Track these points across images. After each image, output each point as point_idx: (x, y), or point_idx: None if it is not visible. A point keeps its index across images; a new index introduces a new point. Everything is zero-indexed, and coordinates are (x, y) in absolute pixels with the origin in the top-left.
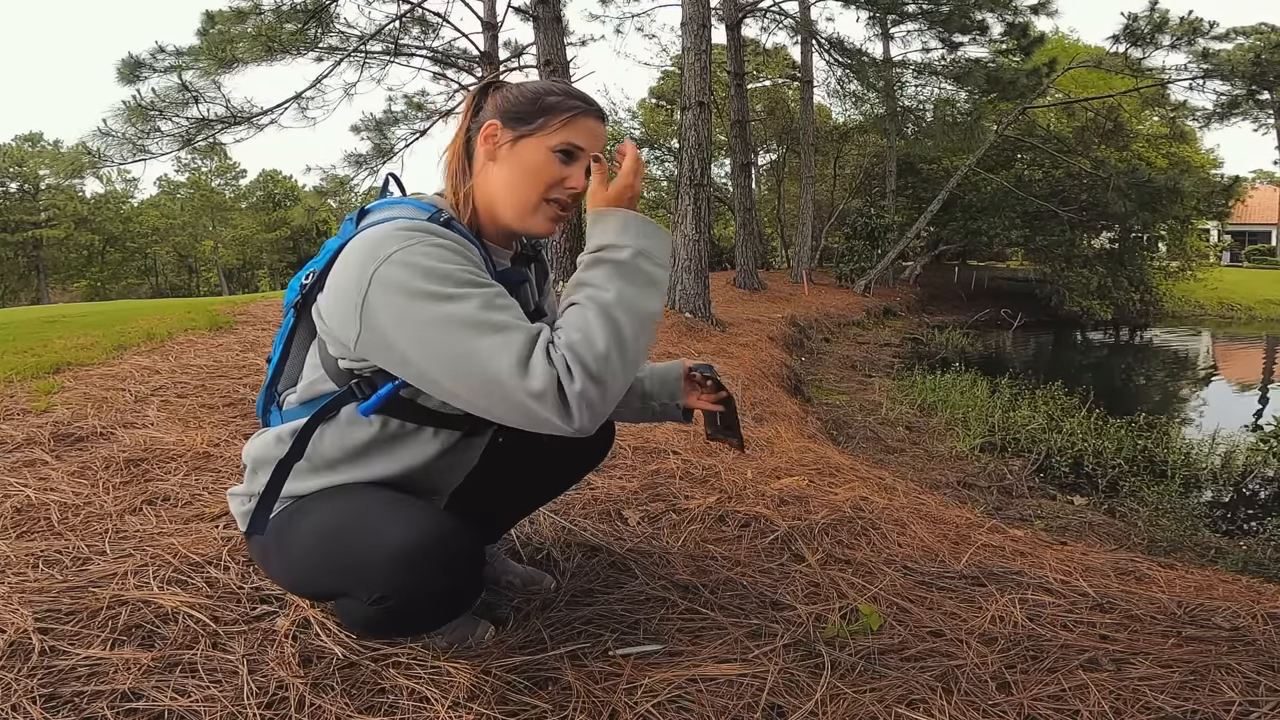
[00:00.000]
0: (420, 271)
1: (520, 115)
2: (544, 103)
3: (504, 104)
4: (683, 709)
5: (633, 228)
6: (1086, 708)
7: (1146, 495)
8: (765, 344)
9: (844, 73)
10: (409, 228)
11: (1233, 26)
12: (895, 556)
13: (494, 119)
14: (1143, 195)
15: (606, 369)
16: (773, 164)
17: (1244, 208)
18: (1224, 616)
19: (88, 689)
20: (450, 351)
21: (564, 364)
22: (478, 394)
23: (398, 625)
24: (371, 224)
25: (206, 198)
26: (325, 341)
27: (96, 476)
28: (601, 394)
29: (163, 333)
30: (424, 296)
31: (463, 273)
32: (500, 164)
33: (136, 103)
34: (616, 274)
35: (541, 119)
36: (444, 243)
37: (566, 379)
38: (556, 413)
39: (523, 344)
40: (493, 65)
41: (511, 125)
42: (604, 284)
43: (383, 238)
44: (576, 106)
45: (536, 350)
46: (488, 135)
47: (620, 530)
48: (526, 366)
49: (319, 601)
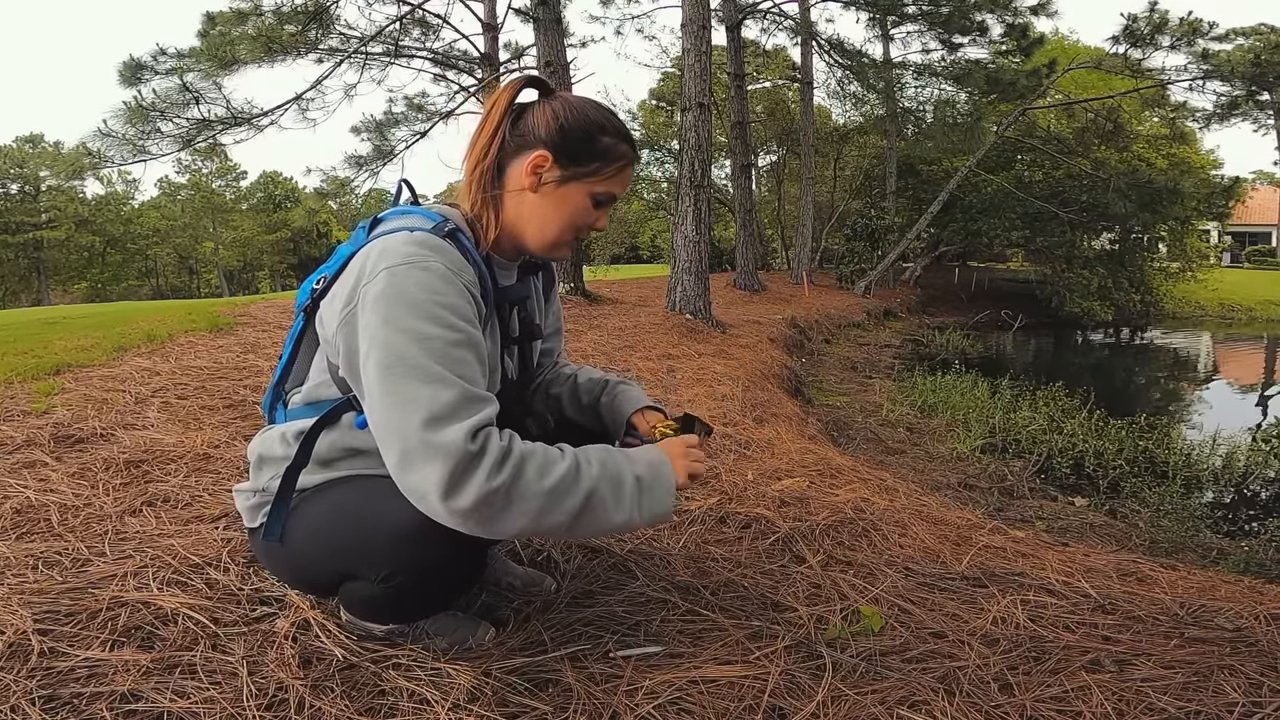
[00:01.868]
0: (396, 296)
1: (574, 155)
2: (599, 145)
3: (558, 135)
4: (684, 711)
5: (656, 477)
6: (1089, 709)
7: (1148, 496)
8: (765, 345)
9: (844, 74)
10: (413, 243)
11: (1232, 27)
12: (896, 558)
13: (544, 149)
14: (1143, 196)
15: (529, 500)
16: (773, 165)
17: (1244, 208)
18: (1226, 617)
19: (87, 690)
20: (380, 384)
21: (502, 456)
22: (381, 431)
23: (405, 604)
24: (381, 234)
25: (207, 199)
26: (325, 348)
27: (96, 478)
28: (506, 507)
29: (163, 334)
30: (391, 326)
31: (436, 307)
32: (540, 197)
33: (137, 103)
34: (611, 471)
35: (595, 164)
36: (436, 268)
37: (491, 468)
38: (440, 480)
39: (448, 403)
40: (493, 67)
41: (563, 163)
42: (595, 462)
43: (384, 252)
44: (626, 155)
45: (467, 420)
46: (535, 167)
47: None
48: (442, 426)
49: (322, 594)
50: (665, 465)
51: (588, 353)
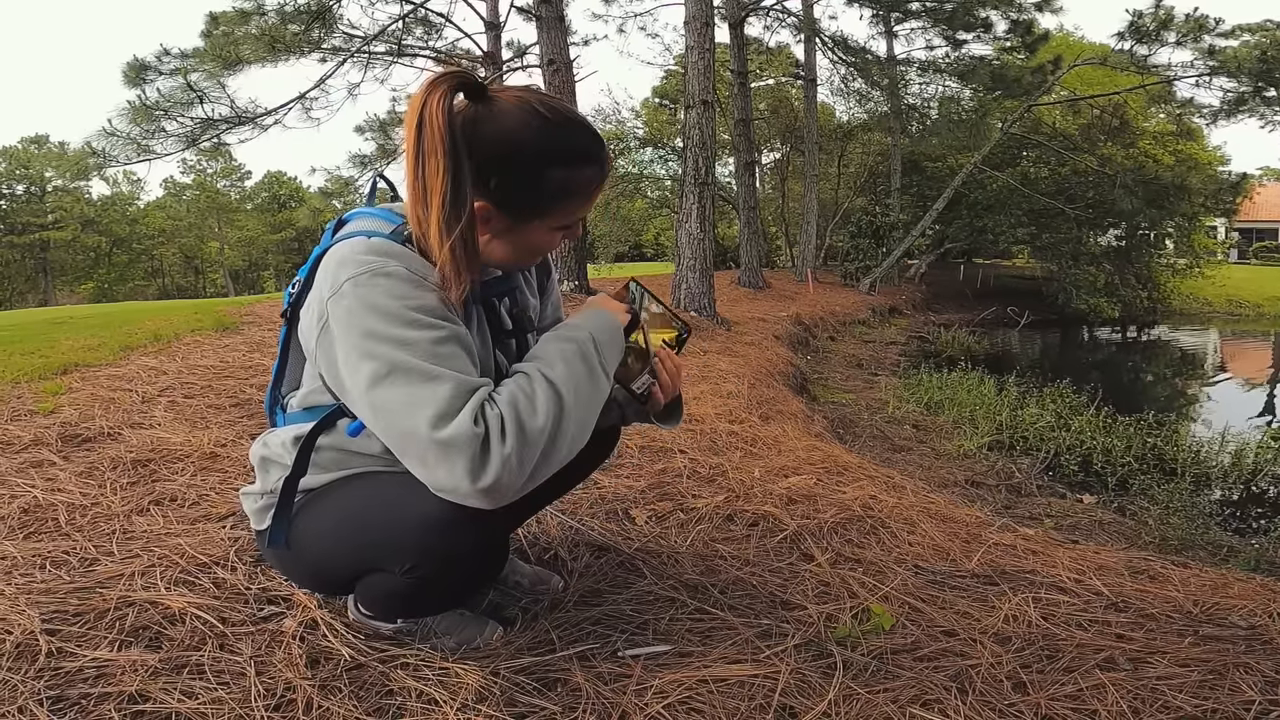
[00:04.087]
0: (368, 308)
1: (519, 203)
2: (548, 185)
3: (493, 181)
4: (693, 710)
5: (594, 320)
6: (1105, 707)
7: (1157, 494)
8: (770, 343)
9: (848, 71)
10: (370, 250)
11: (1238, 23)
12: (906, 556)
13: (482, 200)
14: (1149, 192)
15: (540, 441)
16: (777, 163)
17: (1251, 204)
18: (1240, 615)
19: (95, 691)
20: (377, 396)
21: (499, 423)
22: (393, 441)
23: (425, 596)
24: (342, 237)
25: (212, 199)
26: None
27: (103, 477)
28: (523, 465)
29: (169, 334)
30: (373, 338)
31: (410, 311)
32: (496, 238)
33: (142, 103)
34: (568, 354)
35: (545, 206)
36: (399, 272)
37: (497, 439)
38: (466, 471)
39: (447, 398)
40: (496, 65)
41: (509, 213)
42: (554, 360)
43: (341, 262)
44: (587, 183)
45: (467, 406)
46: (484, 216)
47: (628, 530)
48: (448, 421)
49: (336, 592)
50: (603, 313)
51: None
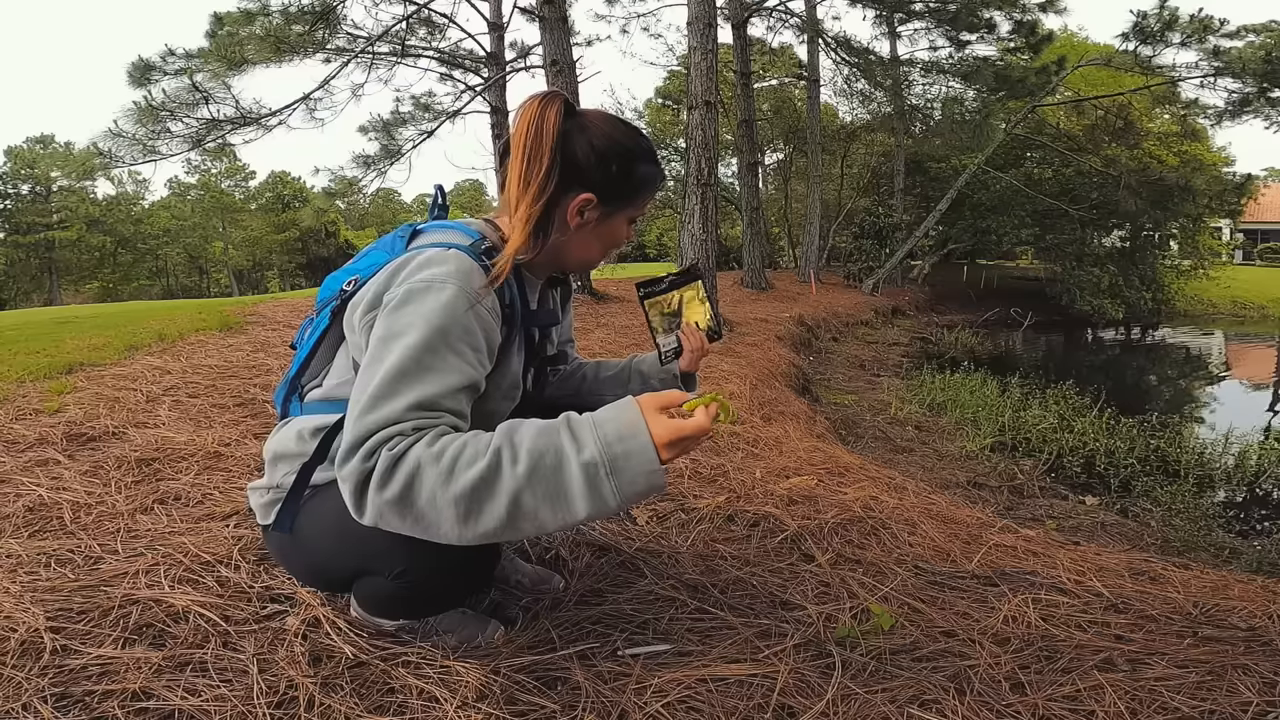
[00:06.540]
0: (414, 314)
1: (618, 192)
2: (638, 176)
3: (599, 174)
4: (693, 709)
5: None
6: (1102, 708)
7: (1159, 495)
8: (773, 344)
9: (851, 71)
10: (440, 262)
11: (1243, 24)
12: (906, 556)
13: (589, 192)
14: (1154, 193)
15: (438, 509)
16: (780, 163)
17: (1256, 206)
18: (1240, 617)
19: (99, 688)
20: (363, 375)
21: (388, 469)
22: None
23: (418, 600)
24: (418, 248)
25: (216, 199)
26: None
27: (108, 476)
28: (401, 520)
29: (174, 333)
30: (394, 338)
31: (442, 338)
32: (583, 232)
33: (147, 103)
34: (544, 471)
35: (634, 196)
36: (459, 293)
37: (379, 481)
38: (351, 498)
39: (376, 422)
40: (499, 66)
41: (607, 202)
42: (523, 461)
43: (411, 267)
44: (659, 176)
45: (375, 438)
46: (581, 209)
47: (629, 529)
48: (356, 448)
49: (336, 590)
50: (637, 437)
51: (595, 350)
